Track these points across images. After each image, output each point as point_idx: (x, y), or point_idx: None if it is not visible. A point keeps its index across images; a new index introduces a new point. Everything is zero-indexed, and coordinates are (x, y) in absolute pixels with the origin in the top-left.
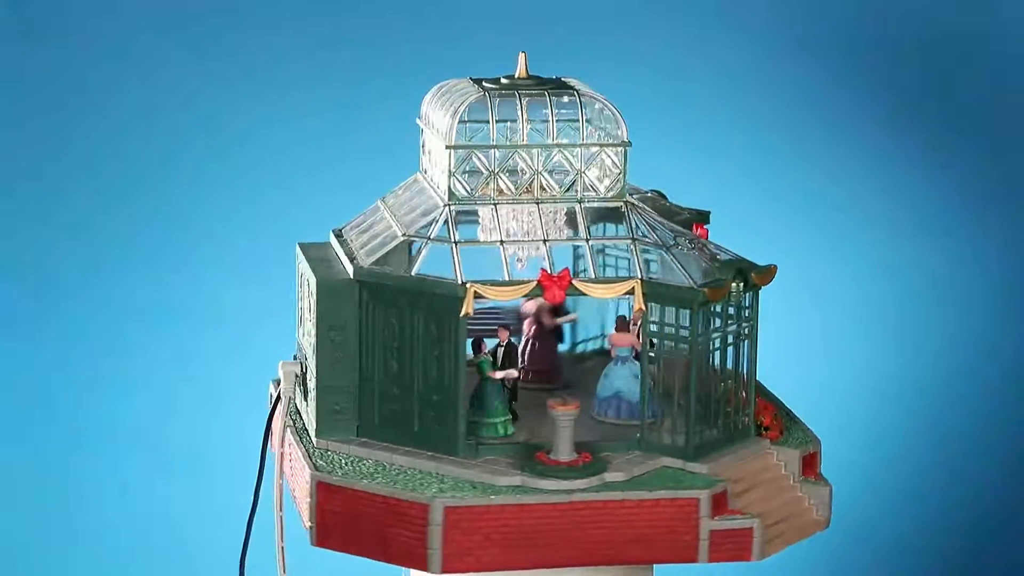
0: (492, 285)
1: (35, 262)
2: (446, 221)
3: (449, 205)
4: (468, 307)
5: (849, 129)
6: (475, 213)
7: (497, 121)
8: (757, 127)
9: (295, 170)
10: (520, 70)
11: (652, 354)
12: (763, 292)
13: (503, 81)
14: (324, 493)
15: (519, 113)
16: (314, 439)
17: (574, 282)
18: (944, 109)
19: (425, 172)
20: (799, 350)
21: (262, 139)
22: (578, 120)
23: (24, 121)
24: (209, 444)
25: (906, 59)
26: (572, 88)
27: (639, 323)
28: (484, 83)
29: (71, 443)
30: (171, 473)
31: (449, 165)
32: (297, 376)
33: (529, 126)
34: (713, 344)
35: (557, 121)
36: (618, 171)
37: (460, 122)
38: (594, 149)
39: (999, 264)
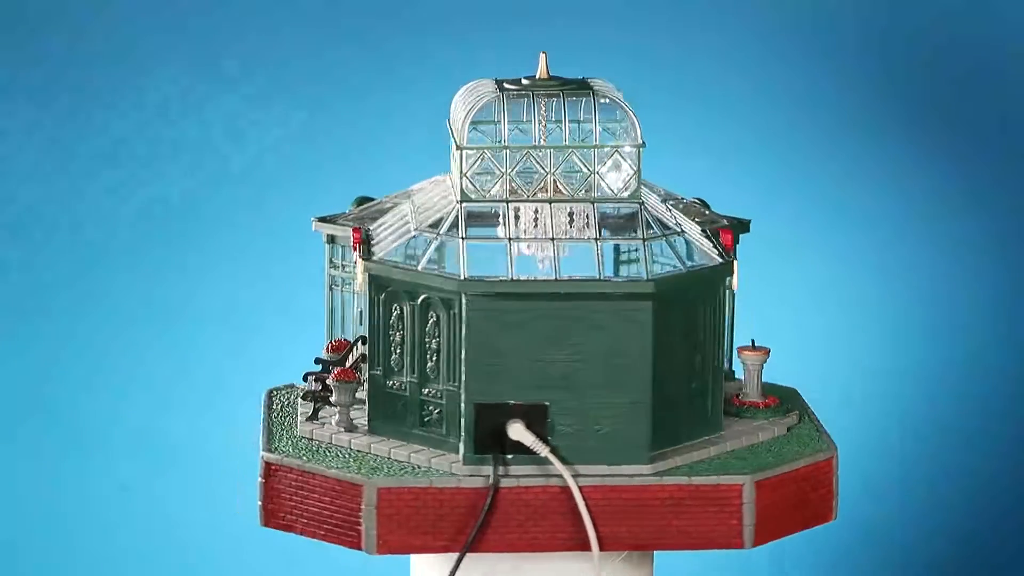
0: None
1: (34, 261)
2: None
3: (641, 205)
4: (735, 282)
5: (851, 130)
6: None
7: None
8: (759, 127)
9: (297, 170)
10: (541, 70)
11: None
12: (765, 293)
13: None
14: (762, 490)
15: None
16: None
17: None
18: (946, 110)
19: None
20: (800, 349)
21: (263, 139)
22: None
23: (24, 121)
24: (209, 444)
25: (910, 62)
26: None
27: None
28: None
29: (70, 443)
30: (171, 473)
31: (636, 165)
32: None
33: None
34: None
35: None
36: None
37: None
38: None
39: (1000, 265)
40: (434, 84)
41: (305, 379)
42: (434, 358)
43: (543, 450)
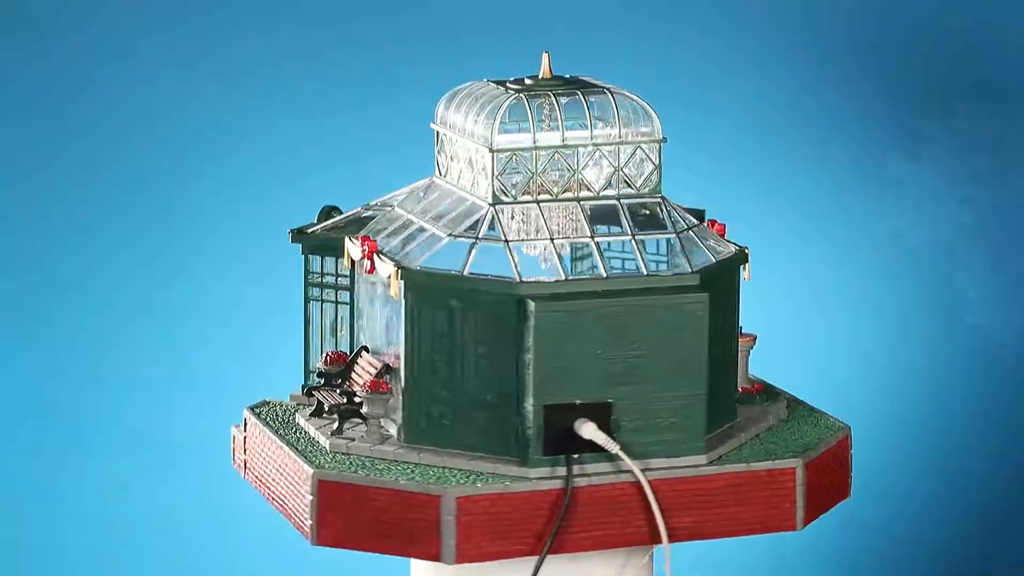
0: None
1: (35, 261)
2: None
3: (663, 199)
4: (747, 272)
5: (851, 130)
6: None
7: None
8: (760, 127)
9: (297, 170)
10: (544, 70)
11: None
12: (767, 291)
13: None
14: (809, 471)
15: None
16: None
17: None
18: (946, 110)
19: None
20: (800, 348)
21: (263, 139)
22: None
23: (24, 120)
24: (209, 444)
25: (909, 60)
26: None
27: None
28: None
29: (70, 443)
30: (171, 473)
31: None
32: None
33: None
34: None
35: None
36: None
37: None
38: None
39: (1000, 264)
40: (434, 85)
41: (311, 394)
42: (484, 363)
43: (614, 448)
